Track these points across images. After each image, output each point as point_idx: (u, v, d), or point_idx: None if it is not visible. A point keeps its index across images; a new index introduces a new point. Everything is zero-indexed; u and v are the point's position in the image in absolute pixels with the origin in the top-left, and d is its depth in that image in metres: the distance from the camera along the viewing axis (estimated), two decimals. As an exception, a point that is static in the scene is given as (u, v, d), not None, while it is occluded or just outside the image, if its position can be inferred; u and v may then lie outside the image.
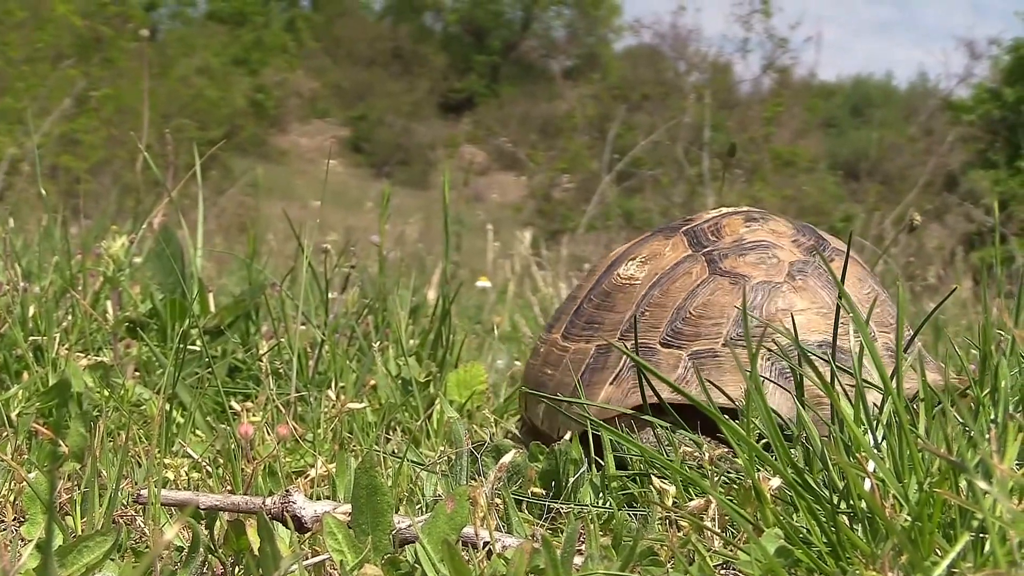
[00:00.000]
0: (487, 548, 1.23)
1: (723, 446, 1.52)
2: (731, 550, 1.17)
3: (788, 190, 15.58)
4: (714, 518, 1.27)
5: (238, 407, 1.91)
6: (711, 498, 1.27)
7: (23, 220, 4.78)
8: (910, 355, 1.65)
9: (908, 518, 1.07)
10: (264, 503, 1.27)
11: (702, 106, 15.75)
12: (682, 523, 1.31)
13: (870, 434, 1.26)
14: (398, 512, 1.25)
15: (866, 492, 1.08)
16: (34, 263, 3.12)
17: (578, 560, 1.15)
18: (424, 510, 1.52)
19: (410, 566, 1.17)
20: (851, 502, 1.14)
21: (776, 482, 1.22)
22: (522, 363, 3.22)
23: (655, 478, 1.45)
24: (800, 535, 1.14)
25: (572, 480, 1.56)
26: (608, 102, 18.21)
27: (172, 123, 13.79)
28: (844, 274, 1.57)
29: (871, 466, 1.11)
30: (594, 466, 1.61)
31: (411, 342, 2.72)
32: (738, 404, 1.52)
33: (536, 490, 1.59)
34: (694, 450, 1.51)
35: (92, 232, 3.57)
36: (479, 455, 1.67)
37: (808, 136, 20.42)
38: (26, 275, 2.71)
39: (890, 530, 1.02)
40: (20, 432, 1.81)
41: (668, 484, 1.41)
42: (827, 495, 1.15)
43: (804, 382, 1.50)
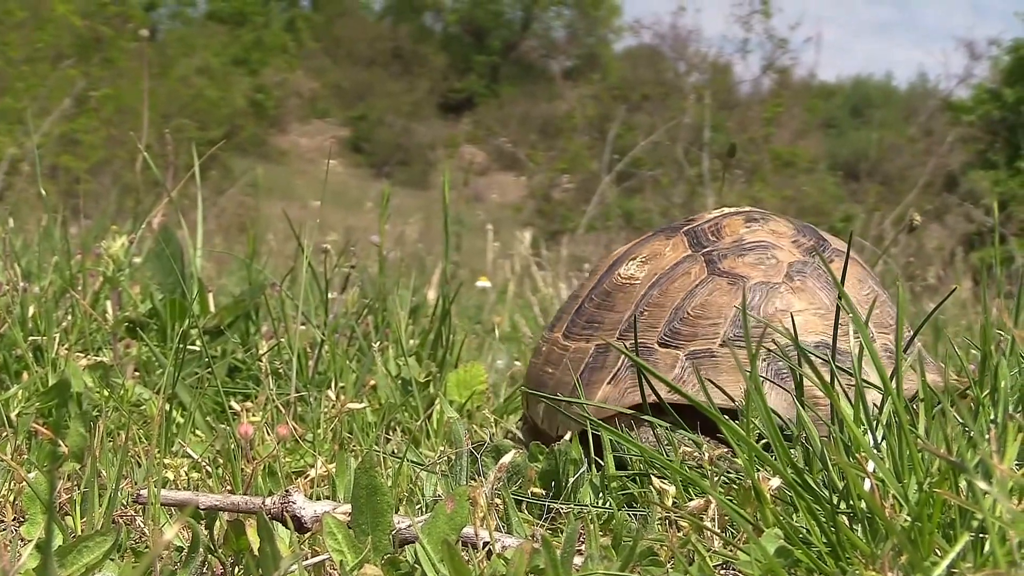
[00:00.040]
0: (487, 548, 1.23)
1: (723, 446, 1.52)
2: (731, 550, 1.17)
3: (788, 190, 15.58)
4: (714, 518, 1.27)
5: (238, 407, 1.91)
6: (711, 498, 1.27)
7: (23, 220, 4.79)
8: (910, 356, 1.65)
9: (908, 518, 1.07)
10: (264, 503, 1.27)
11: (702, 106, 15.76)
12: (682, 523, 1.31)
13: (870, 434, 1.26)
14: (398, 512, 1.25)
15: (866, 492, 1.08)
16: (34, 263, 3.12)
17: (578, 560, 1.15)
18: (424, 510, 1.51)
19: (410, 566, 1.17)
20: (851, 502, 1.14)
21: (776, 482, 1.22)
22: (522, 363, 3.22)
23: (655, 478, 1.45)
24: (800, 535, 1.14)
25: (572, 480, 1.57)
26: (608, 102, 18.22)
27: (172, 123, 13.80)
28: (844, 275, 1.57)
29: (871, 466, 1.11)
30: (594, 466, 1.61)
31: (411, 342, 2.72)
32: (737, 404, 1.52)
33: (536, 490, 1.59)
34: (694, 450, 1.51)
35: (92, 232, 3.57)
36: (479, 455, 1.67)
37: (808, 137, 20.43)
38: (26, 275, 2.70)
39: (890, 530, 1.02)
40: (20, 432, 1.81)
41: (668, 484, 1.41)
42: (827, 495, 1.15)
43: (803, 382, 1.50)
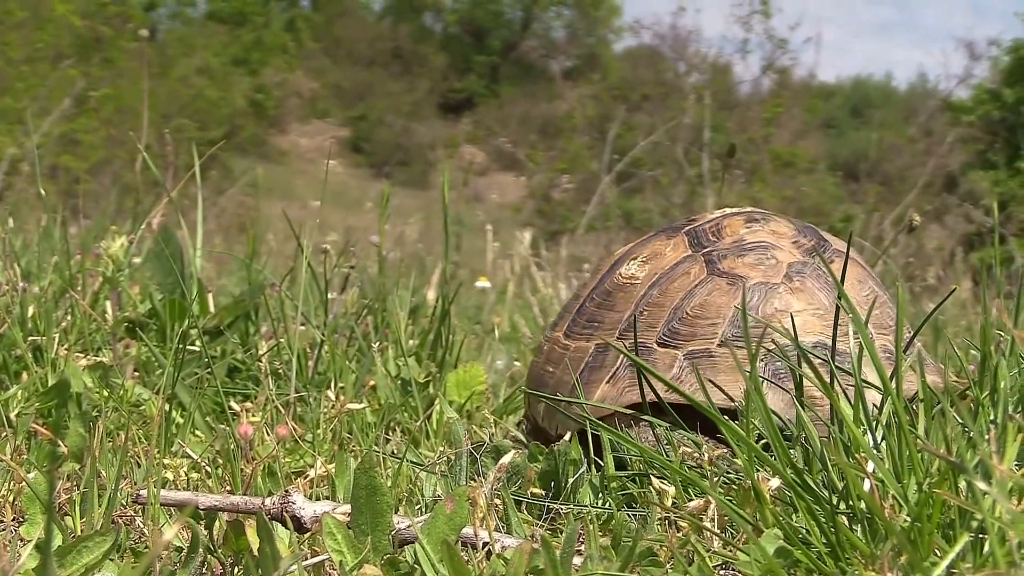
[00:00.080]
0: (486, 548, 1.23)
1: (722, 446, 1.52)
2: (730, 550, 1.17)
3: (788, 191, 15.58)
4: (713, 518, 1.27)
5: (237, 407, 1.91)
6: (710, 498, 1.27)
7: (23, 220, 4.79)
8: (909, 356, 1.64)
9: (907, 518, 1.07)
10: (263, 503, 1.27)
11: (702, 107, 15.76)
12: (681, 523, 1.30)
13: (869, 435, 1.26)
14: (397, 512, 1.25)
15: (865, 493, 1.08)
16: (33, 263, 3.12)
17: (577, 560, 1.15)
18: (424, 510, 1.51)
19: (409, 566, 1.17)
20: (850, 502, 1.14)
21: (775, 482, 1.22)
22: (521, 364, 3.22)
23: (654, 478, 1.45)
24: (799, 536, 1.13)
25: (571, 480, 1.56)
26: (608, 102, 18.22)
27: (172, 123, 13.80)
28: (844, 275, 1.57)
29: (870, 467, 1.11)
30: (593, 466, 1.61)
31: (410, 342, 2.71)
32: (736, 404, 1.52)
33: (535, 490, 1.59)
34: (693, 450, 1.51)
35: (91, 232, 3.57)
36: (478, 455, 1.67)
37: (808, 137, 20.43)
38: (25, 275, 2.70)
39: (889, 530, 1.02)
40: (19, 432, 1.81)
41: (667, 484, 1.41)
42: (826, 496, 1.15)
43: (803, 382, 1.49)
